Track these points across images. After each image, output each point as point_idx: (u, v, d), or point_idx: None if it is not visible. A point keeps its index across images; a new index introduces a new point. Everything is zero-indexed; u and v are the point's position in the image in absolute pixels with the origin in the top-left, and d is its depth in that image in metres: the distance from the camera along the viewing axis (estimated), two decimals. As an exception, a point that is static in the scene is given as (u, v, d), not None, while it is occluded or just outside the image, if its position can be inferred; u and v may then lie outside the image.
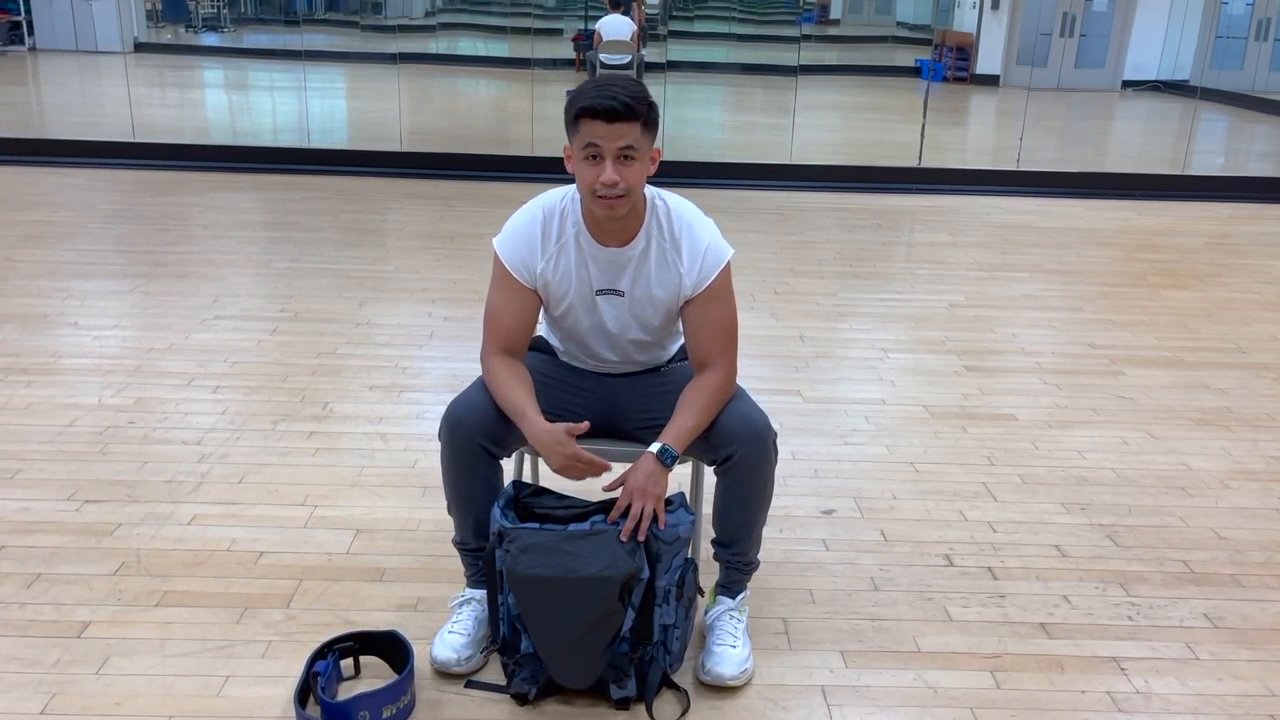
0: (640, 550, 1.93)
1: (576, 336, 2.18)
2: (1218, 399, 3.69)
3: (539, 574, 1.90)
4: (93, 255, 5.03)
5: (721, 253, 2.09)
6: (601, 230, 2.06)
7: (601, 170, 1.93)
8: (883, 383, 3.76)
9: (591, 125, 1.93)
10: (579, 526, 1.97)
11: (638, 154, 1.95)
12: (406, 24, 16.65)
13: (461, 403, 2.07)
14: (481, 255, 5.23)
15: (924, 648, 2.24)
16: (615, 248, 2.07)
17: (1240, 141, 10.78)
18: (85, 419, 3.21)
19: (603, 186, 1.93)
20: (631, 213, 2.03)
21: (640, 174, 1.97)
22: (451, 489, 2.10)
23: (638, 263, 2.08)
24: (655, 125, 1.99)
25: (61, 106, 10.10)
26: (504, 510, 1.99)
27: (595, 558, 1.90)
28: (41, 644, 2.14)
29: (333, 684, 2.02)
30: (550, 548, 1.91)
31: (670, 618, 2.00)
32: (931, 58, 14.47)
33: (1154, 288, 5.09)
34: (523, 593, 1.93)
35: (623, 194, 1.95)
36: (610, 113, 1.91)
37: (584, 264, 2.08)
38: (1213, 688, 2.14)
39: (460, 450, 2.04)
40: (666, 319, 2.15)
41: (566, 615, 1.91)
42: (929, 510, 2.84)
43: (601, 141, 1.92)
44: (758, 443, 2.03)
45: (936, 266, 5.38)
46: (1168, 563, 2.61)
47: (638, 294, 2.10)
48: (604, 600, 1.90)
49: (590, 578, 1.88)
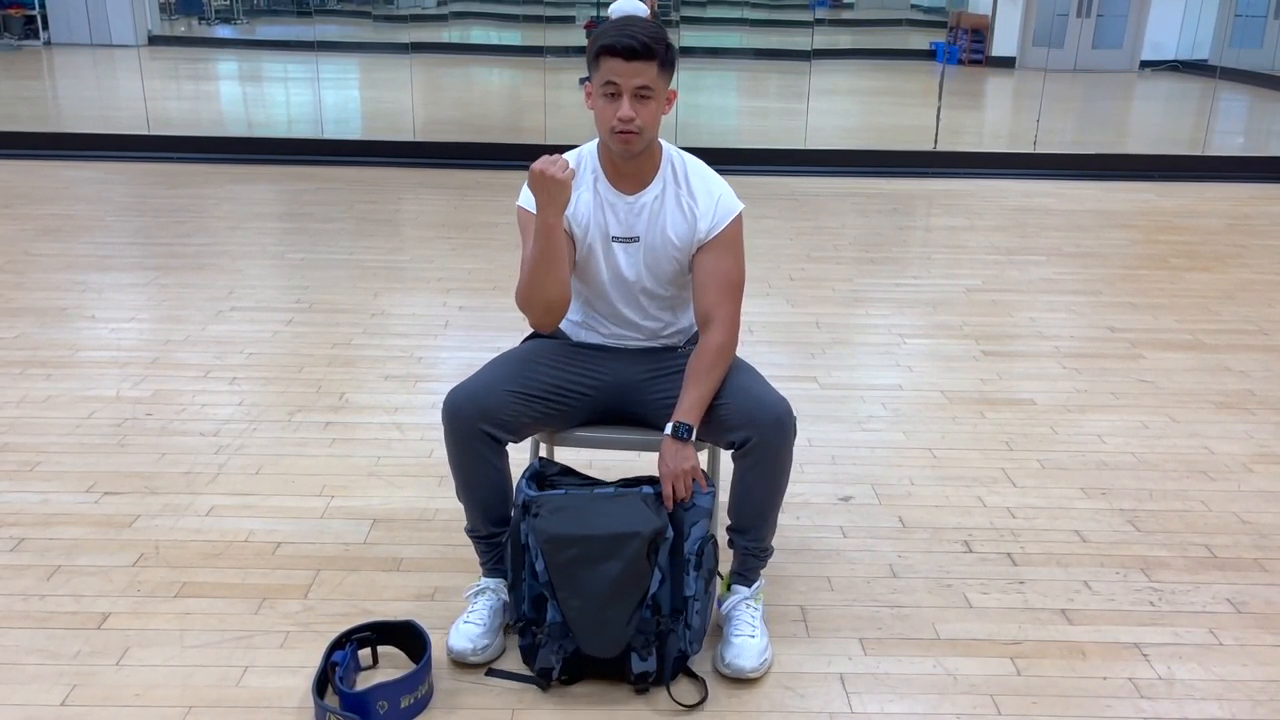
0: (664, 511, 1.99)
1: (596, 287, 2.19)
2: (1240, 381, 3.65)
3: (569, 532, 1.95)
4: (109, 248, 5.05)
5: (734, 204, 2.16)
6: (619, 175, 2.13)
7: (619, 107, 2.01)
8: (900, 368, 3.74)
9: (611, 63, 2.00)
10: (604, 490, 2.02)
11: (653, 93, 2.03)
12: (419, 14, 16.64)
13: (461, 390, 2.08)
14: (496, 244, 5.22)
15: (943, 635, 2.23)
16: (631, 195, 2.13)
17: (1261, 121, 10.66)
18: (103, 411, 3.22)
19: (619, 122, 2.02)
20: (647, 156, 2.11)
21: (655, 113, 2.05)
22: (459, 476, 2.12)
23: (653, 209, 2.14)
24: (672, 66, 2.07)
25: (76, 100, 10.14)
26: (529, 482, 2.04)
27: (623, 516, 1.96)
28: (62, 635, 2.16)
29: (351, 674, 2.02)
30: (578, 509, 1.98)
31: (692, 589, 2.02)
32: (946, 40, 14.37)
33: (1174, 270, 5.04)
34: (552, 552, 1.96)
35: (637, 130, 2.03)
36: (629, 51, 1.98)
37: (601, 209, 2.14)
38: (1236, 673, 2.12)
39: (462, 436, 2.05)
40: (679, 270, 2.18)
41: (594, 574, 1.94)
42: (947, 496, 2.82)
43: (620, 79, 2.00)
44: (776, 428, 2.03)
45: (953, 251, 5.35)
46: (1190, 547, 2.58)
47: (653, 240, 2.14)
48: (632, 556, 1.93)
49: (619, 534, 1.94)
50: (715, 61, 14.03)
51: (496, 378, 2.11)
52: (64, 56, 13.24)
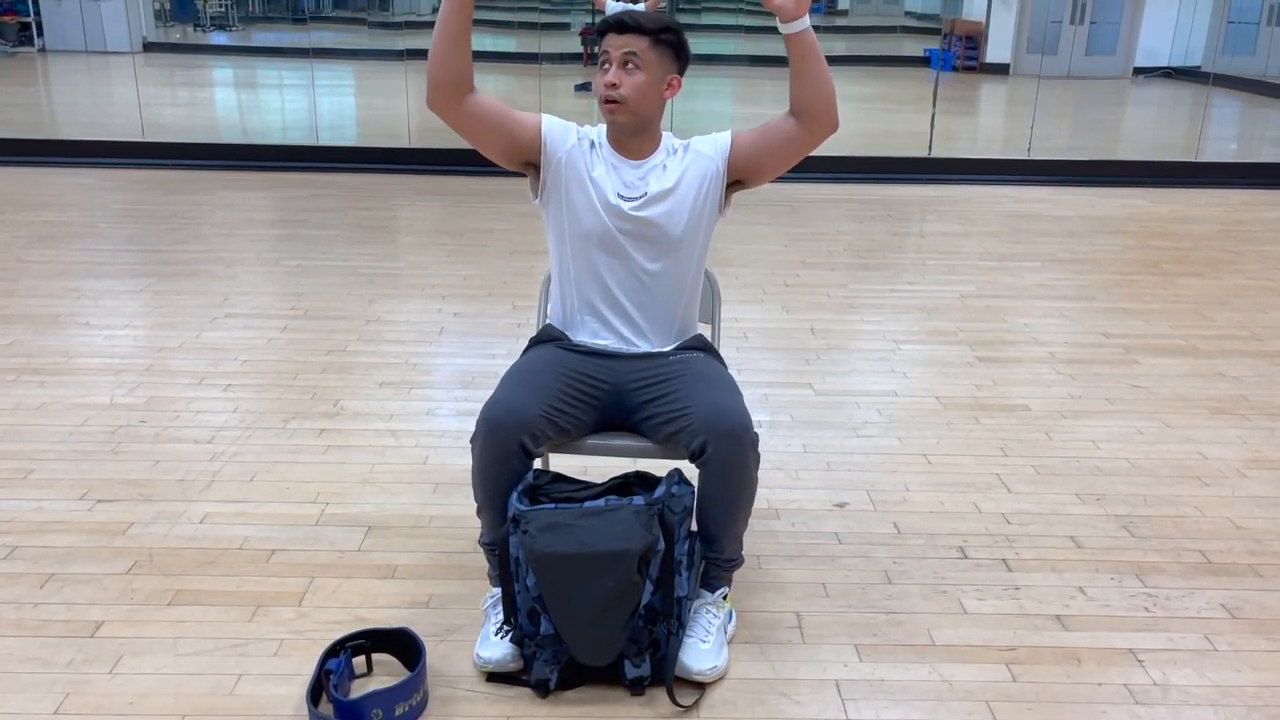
0: (655, 523, 1.96)
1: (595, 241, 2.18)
2: (1233, 387, 3.66)
3: (558, 551, 1.92)
4: (103, 255, 5.04)
5: (721, 132, 2.23)
6: (623, 145, 2.19)
7: (607, 75, 2.10)
8: (895, 374, 3.74)
9: (606, 37, 2.13)
10: (594, 504, 2.00)
11: (642, 64, 2.09)
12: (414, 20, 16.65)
13: (499, 403, 2.06)
14: (491, 251, 5.22)
15: (939, 641, 2.22)
16: (636, 160, 2.19)
17: (1253, 127, 10.70)
18: (97, 418, 3.22)
19: (604, 89, 2.09)
20: (647, 135, 2.17)
21: (643, 87, 2.10)
22: (487, 491, 2.09)
23: (657, 169, 2.19)
24: (671, 49, 2.13)
25: (71, 107, 10.13)
26: (520, 496, 2.02)
27: (612, 532, 1.94)
28: (55, 644, 2.15)
29: (345, 682, 2.01)
30: (568, 525, 1.95)
31: (684, 589, 2.02)
32: (940, 47, 14.40)
33: (1167, 275, 5.05)
34: (542, 571, 1.95)
35: (620, 100, 2.09)
36: (620, 25, 2.10)
37: (607, 167, 2.19)
38: (1231, 679, 2.12)
39: (502, 451, 2.03)
40: (691, 220, 2.19)
41: (586, 590, 1.93)
42: (942, 502, 2.82)
43: (610, 49, 2.11)
44: (733, 442, 2.02)
45: (948, 257, 5.36)
46: (1184, 553, 2.59)
47: (665, 186, 2.16)
48: (623, 573, 1.92)
49: (608, 552, 1.91)
50: (711, 68, 14.04)
51: (528, 390, 2.10)
52: (59, 63, 13.22)
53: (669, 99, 2.15)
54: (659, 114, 2.18)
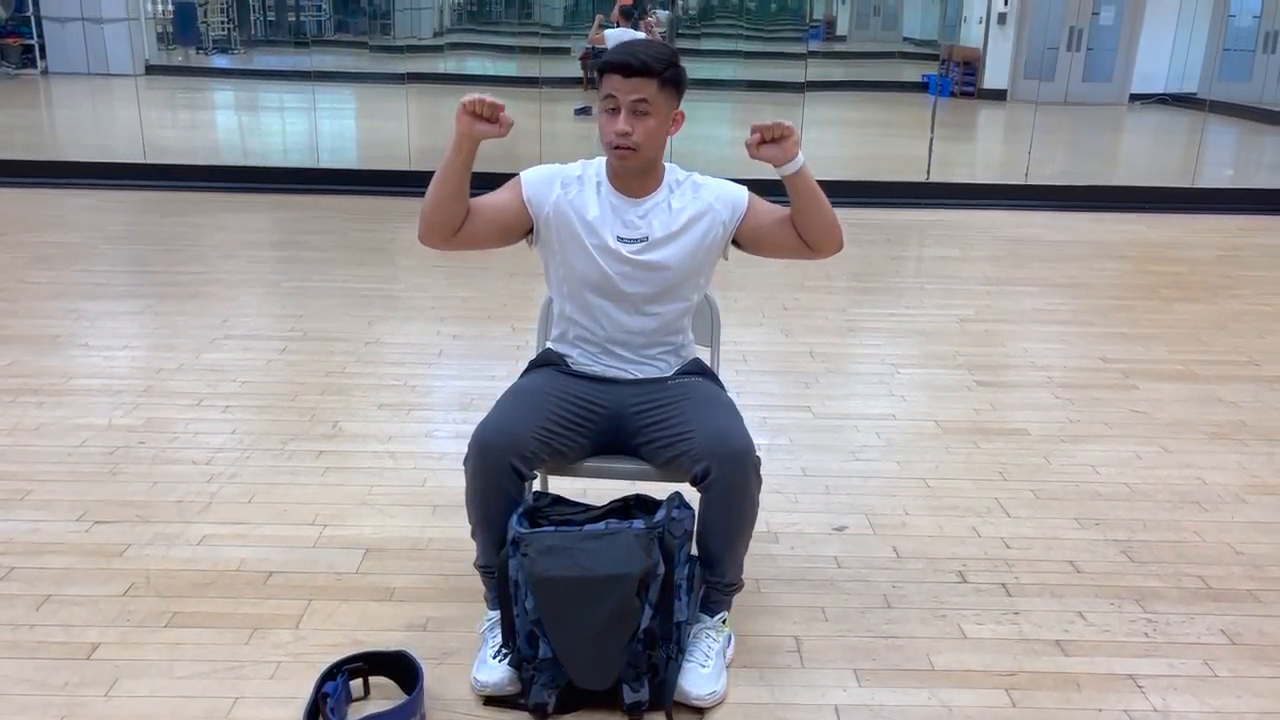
0: (655, 546, 1.95)
1: (591, 286, 2.18)
2: (1231, 412, 3.66)
3: (558, 574, 1.92)
4: (103, 276, 5.05)
5: (739, 188, 2.22)
6: (624, 184, 2.16)
7: (617, 122, 2.04)
8: (893, 398, 3.75)
9: (611, 79, 2.05)
10: (594, 527, 1.99)
11: (651, 109, 2.06)
12: (415, 44, 16.75)
13: (489, 425, 2.07)
14: (490, 273, 5.24)
15: (938, 666, 2.22)
16: (636, 200, 2.16)
17: (1249, 153, 10.76)
18: (95, 439, 3.21)
19: (615, 136, 2.05)
20: (651, 174, 2.15)
21: (654, 131, 2.07)
22: (479, 512, 2.09)
23: (660, 207, 2.17)
24: (676, 85, 2.10)
25: (73, 129, 10.17)
26: (520, 519, 2.01)
27: (612, 556, 1.93)
28: (51, 666, 2.14)
29: (342, 705, 2.00)
30: (567, 549, 1.94)
31: (684, 614, 2.02)
32: (938, 73, 14.49)
33: (1165, 301, 5.07)
34: (542, 594, 1.94)
35: (634, 146, 2.06)
36: (626, 68, 2.03)
37: (605, 208, 2.16)
38: (1232, 705, 2.11)
39: (493, 472, 2.03)
40: (694, 264, 2.18)
41: (585, 614, 1.92)
42: (941, 526, 2.82)
43: (617, 94, 2.05)
44: (736, 466, 2.02)
45: (946, 281, 5.37)
46: (1184, 578, 2.58)
47: (669, 230, 2.15)
48: (622, 597, 1.91)
49: (608, 576, 1.91)
50: (710, 93, 14.11)
51: (520, 412, 2.10)
52: (61, 85, 13.29)
53: (673, 135, 2.15)
54: (663, 150, 2.18)
